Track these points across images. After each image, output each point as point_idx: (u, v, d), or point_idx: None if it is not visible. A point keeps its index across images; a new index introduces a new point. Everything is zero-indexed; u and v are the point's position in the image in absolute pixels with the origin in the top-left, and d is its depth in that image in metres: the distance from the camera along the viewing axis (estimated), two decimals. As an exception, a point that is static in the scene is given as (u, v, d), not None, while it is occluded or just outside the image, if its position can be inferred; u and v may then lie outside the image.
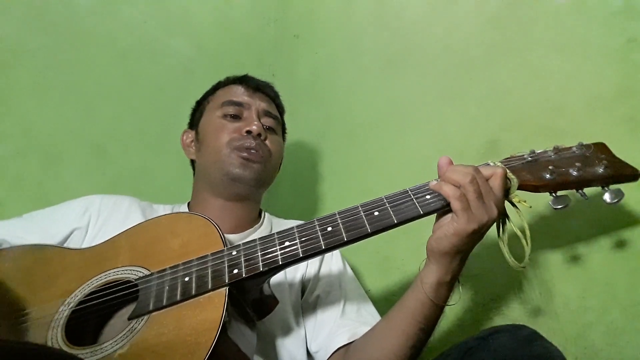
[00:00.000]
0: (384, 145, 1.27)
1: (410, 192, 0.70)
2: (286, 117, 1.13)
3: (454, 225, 0.65)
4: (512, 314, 0.94)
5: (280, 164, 1.07)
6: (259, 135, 0.95)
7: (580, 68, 0.93)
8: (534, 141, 0.97)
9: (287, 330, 0.87)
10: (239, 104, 0.99)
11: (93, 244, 0.82)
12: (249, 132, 0.94)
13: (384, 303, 1.12)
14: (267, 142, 0.98)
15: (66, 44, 1.20)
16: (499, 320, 0.95)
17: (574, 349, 0.84)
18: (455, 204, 0.64)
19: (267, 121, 1.01)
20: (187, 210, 1.00)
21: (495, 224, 0.68)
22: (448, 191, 0.66)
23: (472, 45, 1.12)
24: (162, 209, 0.99)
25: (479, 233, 0.65)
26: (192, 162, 1.05)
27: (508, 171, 0.70)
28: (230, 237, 0.93)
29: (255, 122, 0.96)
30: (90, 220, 0.90)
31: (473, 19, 1.13)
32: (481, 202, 0.64)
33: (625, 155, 0.71)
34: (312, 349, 0.87)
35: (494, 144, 1.04)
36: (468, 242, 0.65)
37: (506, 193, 0.69)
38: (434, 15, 1.21)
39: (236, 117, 0.98)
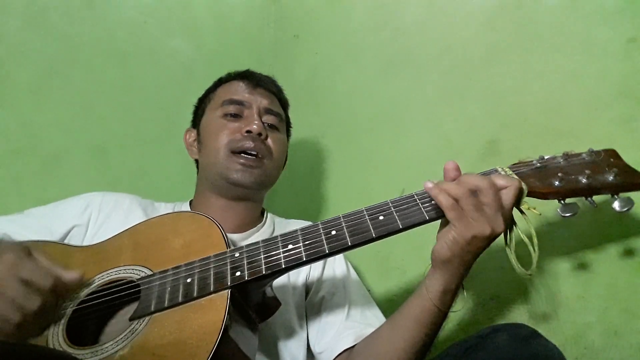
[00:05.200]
0: (384, 145, 1.27)
1: (416, 197, 0.69)
2: (287, 117, 1.13)
3: (451, 234, 0.64)
4: (512, 313, 0.94)
5: (285, 161, 1.06)
6: (260, 134, 0.94)
7: (580, 68, 0.93)
8: (534, 141, 0.97)
9: (289, 332, 0.87)
10: (239, 103, 0.98)
11: (93, 242, 0.82)
12: (249, 131, 0.94)
13: (385, 303, 1.12)
14: (268, 141, 0.97)
15: (66, 44, 1.20)
16: (498, 320, 0.95)
17: (574, 349, 0.84)
18: (449, 214, 0.64)
19: (269, 119, 1.00)
20: (189, 208, 0.99)
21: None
22: (442, 200, 0.64)
23: (471, 45, 1.12)
24: (163, 207, 0.99)
25: (481, 242, 0.63)
26: (196, 161, 1.05)
27: (516, 177, 0.68)
28: (233, 236, 0.93)
29: (256, 122, 0.95)
30: (90, 218, 0.90)
31: (473, 19, 1.13)
32: (482, 212, 0.63)
33: (625, 156, 0.71)
34: (315, 350, 0.87)
35: (493, 144, 1.04)
36: (469, 250, 0.64)
37: (517, 202, 0.68)
38: (434, 16, 1.21)
39: (237, 116, 0.97)
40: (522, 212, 0.69)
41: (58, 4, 1.19)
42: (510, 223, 0.68)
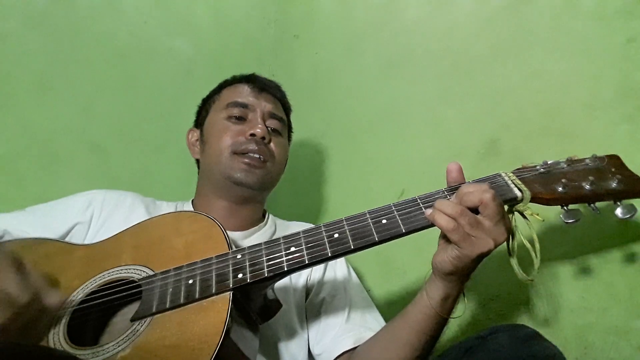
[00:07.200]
0: (384, 145, 1.27)
1: (419, 201, 0.68)
2: (287, 119, 1.13)
3: (455, 252, 0.63)
4: (512, 314, 0.94)
5: (285, 165, 1.06)
6: (263, 138, 0.95)
7: (580, 68, 0.93)
8: (534, 141, 0.97)
9: (290, 333, 0.87)
10: (244, 106, 0.98)
11: (95, 240, 0.82)
12: (253, 135, 0.94)
13: (386, 304, 1.12)
14: (271, 144, 0.97)
15: (66, 44, 1.20)
16: (499, 321, 0.95)
17: (575, 350, 0.84)
18: (452, 237, 0.62)
19: (272, 123, 1.01)
20: (191, 207, 0.99)
21: None
22: (442, 223, 0.63)
23: (472, 45, 1.12)
24: (165, 206, 0.99)
25: (485, 255, 0.63)
26: (197, 161, 1.05)
27: (520, 183, 0.68)
28: (234, 234, 0.93)
29: (260, 125, 0.95)
30: (93, 215, 0.90)
31: (473, 19, 1.13)
32: (482, 228, 0.62)
33: (625, 156, 0.71)
34: (315, 352, 0.88)
35: (494, 143, 1.04)
36: (473, 266, 0.64)
37: (512, 204, 0.68)
38: (434, 15, 1.21)
39: (241, 119, 0.98)
40: (524, 216, 0.68)
41: (58, 4, 1.19)
42: (510, 232, 0.67)
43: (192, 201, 1.02)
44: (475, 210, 0.63)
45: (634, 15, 0.88)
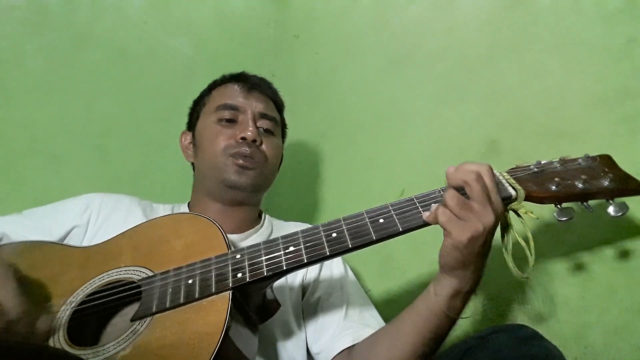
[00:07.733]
0: (384, 145, 1.27)
1: (416, 200, 0.69)
2: (286, 117, 1.12)
3: (448, 241, 0.63)
4: (512, 314, 0.95)
5: (280, 165, 1.06)
6: (254, 141, 0.95)
7: (580, 68, 0.93)
8: (534, 141, 0.97)
9: (287, 332, 0.87)
10: (233, 108, 0.98)
11: (93, 243, 0.82)
12: (243, 138, 0.94)
13: (385, 303, 1.12)
14: (263, 146, 0.97)
15: (66, 44, 1.20)
16: (498, 321, 0.96)
17: (574, 349, 0.84)
18: (439, 219, 0.63)
19: (264, 123, 1.00)
20: (187, 210, 0.99)
21: (500, 229, 0.67)
22: (429, 214, 0.65)
23: (472, 45, 1.12)
24: (162, 209, 0.99)
25: (480, 240, 0.62)
26: (192, 163, 1.05)
27: (514, 182, 0.69)
28: (232, 237, 0.93)
29: (250, 128, 0.95)
30: (90, 219, 0.90)
31: (473, 19, 1.13)
32: (470, 209, 0.62)
33: (625, 156, 0.71)
34: (313, 351, 0.87)
35: (494, 144, 1.04)
36: (472, 252, 0.63)
37: (507, 203, 0.68)
38: (434, 15, 1.21)
39: (232, 121, 0.97)
40: (518, 215, 0.69)
41: (58, 4, 1.19)
42: (506, 225, 0.69)
43: (188, 204, 1.02)
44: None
45: (634, 15, 0.88)
